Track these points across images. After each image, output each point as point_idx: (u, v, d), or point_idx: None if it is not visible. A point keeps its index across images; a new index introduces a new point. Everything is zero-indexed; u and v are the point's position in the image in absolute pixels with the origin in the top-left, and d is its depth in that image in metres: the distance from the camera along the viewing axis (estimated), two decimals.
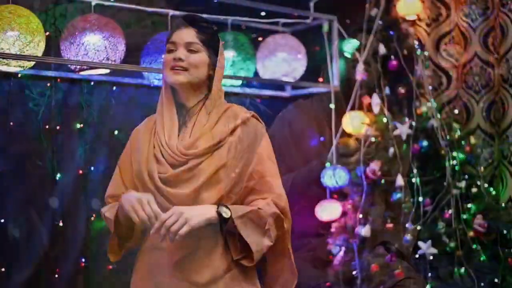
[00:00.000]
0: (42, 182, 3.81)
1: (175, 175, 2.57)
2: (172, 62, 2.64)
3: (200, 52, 2.65)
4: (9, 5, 3.37)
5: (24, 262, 3.72)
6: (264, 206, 2.58)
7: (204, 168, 2.56)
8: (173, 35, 2.69)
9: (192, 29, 2.67)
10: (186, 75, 2.62)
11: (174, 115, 2.68)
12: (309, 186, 4.40)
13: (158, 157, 2.61)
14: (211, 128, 2.63)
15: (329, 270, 4.70)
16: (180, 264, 2.56)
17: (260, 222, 2.56)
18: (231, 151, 2.60)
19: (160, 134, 2.64)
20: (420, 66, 4.61)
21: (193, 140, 2.60)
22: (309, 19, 4.66)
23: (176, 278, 2.56)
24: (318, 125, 4.61)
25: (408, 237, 4.24)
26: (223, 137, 2.61)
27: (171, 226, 2.42)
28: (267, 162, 2.68)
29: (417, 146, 4.40)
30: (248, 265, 2.60)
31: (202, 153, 2.57)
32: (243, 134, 2.65)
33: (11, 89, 3.70)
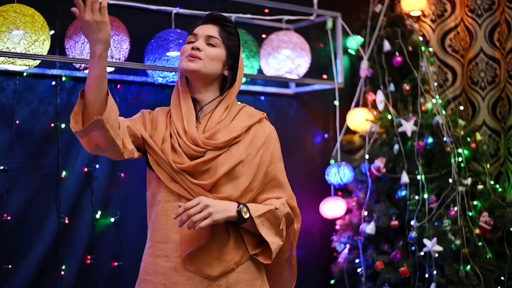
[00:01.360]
0: (48, 180, 3.81)
1: (193, 166, 2.57)
2: (189, 51, 2.65)
3: (218, 47, 2.67)
4: (14, 4, 3.37)
5: (30, 259, 3.73)
6: (280, 206, 2.62)
7: (222, 162, 2.58)
8: (196, 28, 2.71)
9: (215, 26, 2.70)
10: (199, 64, 2.63)
11: (192, 106, 2.68)
12: None
13: (175, 147, 2.61)
14: (228, 123, 2.65)
15: (334, 268, 4.72)
16: (191, 257, 2.57)
17: (275, 222, 2.60)
18: (248, 148, 2.63)
19: (178, 124, 2.64)
20: (425, 62, 4.61)
21: (212, 133, 2.61)
22: (312, 16, 4.66)
23: (188, 272, 2.57)
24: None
25: (413, 235, 4.25)
26: (240, 132, 2.62)
27: (194, 215, 2.43)
28: (279, 162, 2.73)
29: (422, 143, 4.40)
30: (264, 262, 2.64)
31: (221, 146, 2.59)
32: (259, 133, 2.68)
33: (16, 88, 3.71)
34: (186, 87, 2.72)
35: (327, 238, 4.86)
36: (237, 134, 2.61)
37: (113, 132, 2.47)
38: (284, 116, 4.85)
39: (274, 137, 2.74)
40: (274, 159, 2.70)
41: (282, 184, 2.71)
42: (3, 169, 3.63)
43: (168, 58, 3.78)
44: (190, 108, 2.67)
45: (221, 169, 2.56)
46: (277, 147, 2.74)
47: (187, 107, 2.67)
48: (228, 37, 2.70)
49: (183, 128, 2.62)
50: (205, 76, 2.66)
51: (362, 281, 4.51)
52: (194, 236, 2.54)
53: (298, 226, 2.75)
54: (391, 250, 4.41)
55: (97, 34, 2.42)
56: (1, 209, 3.61)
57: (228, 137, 2.59)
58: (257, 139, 2.66)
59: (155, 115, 2.75)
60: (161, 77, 3.86)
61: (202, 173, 2.58)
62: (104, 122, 2.43)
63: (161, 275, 2.61)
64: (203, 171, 2.58)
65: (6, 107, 3.68)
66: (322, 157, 4.99)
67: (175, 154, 2.60)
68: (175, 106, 2.69)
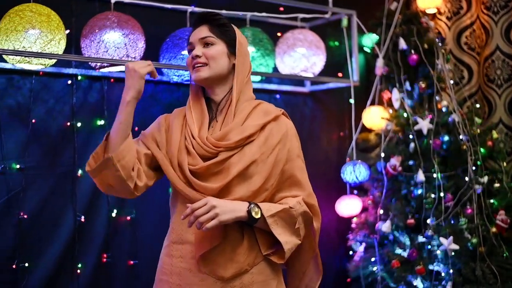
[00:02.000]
0: (64, 179, 3.82)
1: (206, 167, 2.57)
2: (192, 61, 2.67)
3: (215, 44, 2.67)
4: (30, 4, 3.39)
5: (46, 257, 3.74)
6: (295, 205, 2.60)
7: (234, 162, 2.56)
8: (190, 37, 2.72)
9: (204, 25, 2.69)
10: (207, 70, 2.64)
11: (204, 108, 2.69)
12: None
13: (189, 149, 2.61)
14: (242, 122, 2.63)
15: (350, 266, 4.71)
16: (205, 258, 2.57)
17: (290, 221, 2.58)
18: (262, 147, 2.60)
19: (191, 126, 2.64)
20: (441, 60, 4.59)
21: (224, 133, 2.60)
22: (328, 14, 4.65)
23: (202, 273, 2.57)
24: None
25: (430, 233, 4.23)
26: (254, 131, 2.60)
27: (201, 216, 2.43)
28: (297, 160, 2.69)
29: (438, 141, 4.38)
30: (277, 261, 2.62)
31: (234, 146, 2.57)
32: (274, 131, 2.65)
33: (32, 87, 3.72)
34: (199, 90, 2.74)
35: (343, 236, 4.85)
36: (250, 133, 2.59)
37: (124, 173, 2.54)
38: (299, 115, 4.84)
39: (292, 134, 2.70)
40: (291, 156, 2.67)
41: (299, 182, 2.68)
42: (20, 168, 3.65)
43: (183, 57, 3.78)
44: (203, 111, 2.68)
45: (234, 169, 2.55)
46: (294, 144, 2.70)
47: (200, 110, 2.69)
48: (221, 30, 2.69)
49: (196, 132, 2.63)
50: (217, 77, 2.67)
51: (378, 280, 4.50)
52: (207, 237, 2.54)
53: (317, 225, 2.72)
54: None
55: (132, 80, 2.61)
56: (18, 207, 3.63)
57: (240, 137, 2.57)
58: (272, 137, 2.63)
59: (171, 121, 2.75)
60: (177, 75, 3.87)
61: (215, 174, 2.58)
62: (115, 161, 2.52)
63: (176, 275, 2.62)
64: (217, 172, 2.57)
65: (23, 106, 3.69)
66: (338, 155, 4.98)
67: (189, 156, 2.61)
68: (188, 109, 2.71)
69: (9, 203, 3.61)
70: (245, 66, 2.72)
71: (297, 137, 2.74)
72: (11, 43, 3.29)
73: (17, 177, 3.65)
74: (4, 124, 3.62)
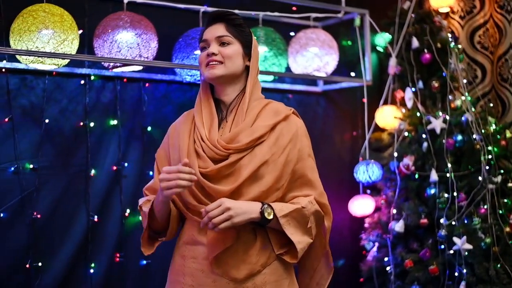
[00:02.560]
0: (77, 178, 3.83)
1: (217, 170, 2.56)
2: (206, 59, 2.65)
3: (232, 44, 2.65)
4: (43, 4, 3.40)
5: (60, 257, 3.75)
6: (307, 204, 2.59)
7: (245, 164, 2.55)
8: (204, 33, 2.70)
9: (220, 23, 2.68)
10: (222, 68, 2.63)
11: (213, 110, 2.68)
12: None
13: (199, 152, 2.60)
14: (251, 123, 2.62)
15: (363, 266, 4.70)
16: (218, 260, 2.57)
17: (302, 220, 2.57)
18: (273, 148, 2.59)
19: (200, 129, 2.63)
20: (454, 59, 4.58)
21: (234, 135, 2.59)
22: (340, 13, 4.64)
23: (214, 274, 2.57)
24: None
25: (443, 233, 4.22)
26: (264, 132, 2.59)
27: (214, 218, 2.43)
28: (307, 159, 2.68)
29: (451, 140, 4.36)
30: (290, 261, 2.62)
31: (244, 148, 2.56)
32: (284, 130, 2.64)
33: (46, 87, 3.73)
34: (209, 91, 2.72)
35: (356, 236, 4.85)
36: (260, 134, 2.58)
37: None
38: (312, 114, 4.84)
39: (302, 134, 2.68)
40: (302, 156, 2.65)
41: (311, 182, 2.67)
42: (33, 168, 3.66)
43: (196, 57, 3.78)
44: (212, 113, 2.67)
45: (245, 171, 2.54)
46: (305, 143, 2.69)
47: (208, 112, 2.68)
48: (237, 30, 2.67)
49: (205, 135, 2.62)
50: (231, 76, 2.66)
51: (391, 280, 4.49)
52: (220, 239, 2.54)
53: (328, 224, 2.71)
54: (420, 249, 4.39)
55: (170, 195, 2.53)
56: (31, 207, 3.64)
57: (250, 138, 2.56)
58: (282, 137, 2.62)
59: (179, 128, 2.75)
60: (189, 75, 3.87)
61: (226, 176, 2.57)
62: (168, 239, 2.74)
63: (189, 276, 2.62)
64: (228, 175, 2.57)
65: (36, 106, 3.71)
66: (351, 155, 4.98)
67: (199, 159, 2.60)
68: (198, 112, 2.69)
69: (22, 203, 3.63)
70: (257, 67, 2.73)
71: (307, 136, 2.73)
72: (24, 43, 3.30)
73: (31, 177, 3.66)
74: (18, 124, 3.63)
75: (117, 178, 3.95)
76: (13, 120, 3.61)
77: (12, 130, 3.61)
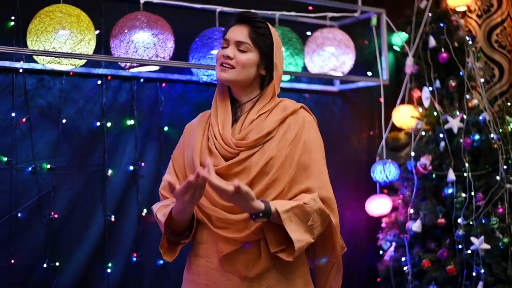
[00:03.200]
0: (94, 178, 3.85)
1: (227, 167, 2.57)
2: (221, 59, 2.65)
3: (249, 52, 2.64)
4: (60, 5, 3.41)
5: (77, 256, 3.77)
6: (310, 201, 2.52)
7: (255, 161, 2.56)
8: (228, 32, 2.69)
9: (245, 27, 2.66)
10: (232, 73, 2.63)
11: (229, 108, 2.69)
12: None
13: (212, 149, 2.62)
14: (262, 121, 2.62)
15: (380, 266, 4.69)
16: (228, 258, 2.57)
17: (304, 218, 2.50)
18: (280, 142, 2.59)
19: (214, 126, 2.65)
20: (471, 58, 4.56)
21: (245, 133, 2.60)
22: (357, 13, 4.63)
23: (227, 273, 2.58)
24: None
25: (460, 232, 4.20)
26: (272, 128, 2.60)
27: None
28: (314, 152, 2.64)
29: (469, 140, 4.34)
30: (286, 259, 2.54)
31: (252, 145, 2.57)
32: (292, 125, 2.63)
33: (63, 87, 3.75)
34: (226, 89, 2.73)
35: (373, 236, 4.84)
36: (268, 130, 2.59)
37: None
38: (329, 114, 4.83)
39: (309, 126, 2.66)
40: (309, 148, 2.62)
41: (314, 174, 2.61)
42: (50, 168, 3.68)
43: (212, 57, 3.79)
44: (227, 112, 2.68)
45: (255, 169, 2.55)
46: (312, 136, 2.65)
47: (223, 110, 2.68)
48: (259, 39, 2.65)
49: (219, 132, 2.62)
50: (241, 82, 2.66)
51: (409, 280, 4.47)
52: (231, 238, 2.55)
53: (335, 220, 2.62)
54: (438, 248, 4.37)
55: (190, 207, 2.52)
56: (48, 207, 3.66)
57: (258, 135, 2.57)
58: (289, 131, 2.61)
59: (194, 126, 2.76)
60: (206, 75, 3.88)
61: (237, 174, 2.58)
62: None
63: (203, 275, 2.63)
64: (238, 172, 2.57)
65: (53, 106, 3.72)
66: (368, 154, 4.97)
67: (212, 156, 2.61)
68: (214, 109, 2.70)
69: (40, 203, 3.65)
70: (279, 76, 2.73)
71: (316, 130, 2.70)
72: (41, 44, 3.31)
73: (48, 177, 3.68)
74: (35, 124, 3.65)
75: (134, 178, 3.96)
76: (31, 120, 3.63)
77: (29, 130, 3.63)
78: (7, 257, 3.54)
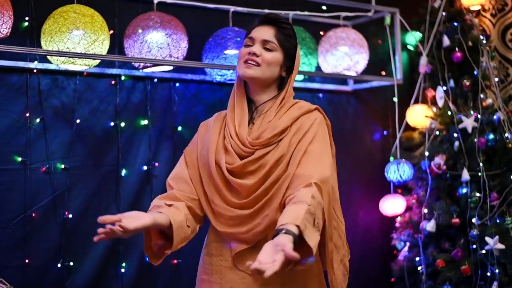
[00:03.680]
0: (108, 178, 3.86)
1: (242, 165, 2.57)
2: (246, 56, 2.63)
3: (275, 51, 2.64)
4: (74, 5, 3.42)
5: (91, 256, 3.78)
6: (311, 201, 2.38)
7: (269, 159, 2.56)
8: (253, 31, 2.68)
9: (271, 27, 2.66)
10: (258, 70, 2.62)
11: (245, 108, 2.69)
12: None
13: (228, 148, 2.62)
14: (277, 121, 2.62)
15: (394, 266, 4.68)
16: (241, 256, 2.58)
17: (311, 219, 2.37)
18: (292, 138, 2.58)
19: (230, 125, 2.65)
20: (486, 57, 4.54)
21: (260, 132, 2.60)
22: (370, 12, 4.62)
23: (241, 271, 2.58)
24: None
25: (475, 232, 4.19)
26: (286, 126, 2.59)
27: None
28: (321, 142, 2.59)
29: (483, 139, 4.33)
30: (303, 267, 2.38)
31: (266, 143, 2.57)
32: (305, 123, 2.61)
33: (77, 87, 3.76)
34: (243, 89, 2.72)
35: (387, 235, 4.83)
36: (282, 128, 2.58)
37: (187, 239, 2.67)
38: (342, 113, 4.82)
39: (318, 123, 2.62)
40: (316, 139, 2.58)
41: (317, 158, 2.53)
42: (64, 168, 3.69)
43: (226, 56, 3.79)
44: (244, 111, 2.68)
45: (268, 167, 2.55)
46: (320, 131, 2.61)
47: (240, 110, 2.68)
48: (285, 39, 2.66)
49: (235, 131, 2.63)
50: (264, 81, 2.65)
51: (423, 280, 4.46)
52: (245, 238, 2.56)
53: (326, 205, 2.48)
54: (452, 248, 4.36)
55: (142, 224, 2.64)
56: (62, 207, 3.67)
57: (272, 133, 2.57)
58: (302, 128, 2.60)
59: (210, 124, 2.76)
60: (219, 75, 3.88)
61: (252, 172, 2.57)
62: (175, 248, 2.65)
63: (217, 274, 2.64)
64: (253, 171, 2.57)
65: (67, 106, 3.73)
66: (382, 154, 4.96)
67: (227, 155, 2.61)
68: (231, 109, 2.70)
69: (54, 203, 3.66)
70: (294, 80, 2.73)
71: (324, 128, 2.64)
72: (55, 44, 3.32)
73: (62, 177, 3.69)
74: (49, 125, 3.66)
75: (147, 178, 3.97)
76: (45, 121, 3.64)
77: (43, 130, 3.65)
78: (21, 257, 3.56)
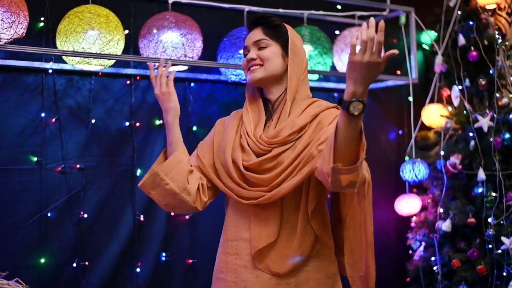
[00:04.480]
0: (123, 178, 3.87)
1: (258, 162, 2.58)
2: (247, 64, 2.70)
3: (269, 46, 2.67)
4: (89, 5, 3.43)
5: (106, 256, 3.79)
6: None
7: (287, 157, 2.55)
8: (245, 41, 2.74)
9: (258, 28, 2.71)
10: (261, 70, 2.66)
11: (261, 108, 2.71)
12: None
13: (244, 146, 2.63)
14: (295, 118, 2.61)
15: (409, 265, 4.67)
16: (260, 254, 2.58)
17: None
18: (312, 135, 2.56)
19: (247, 125, 2.67)
20: (501, 56, 4.51)
21: (277, 131, 2.60)
22: (385, 11, 4.61)
23: (257, 270, 2.59)
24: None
25: (491, 232, 4.17)
26: (304, 124, 2.58)
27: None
28: (328, 130, 2.52)
29: (499, 138, 4.30)
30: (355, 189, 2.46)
31: (284, 141, 2.57)
32: (324, 120, 2.60)
33: (92, 87, 3.77)
34: (257, 90, 2.75)
35: (402, 235, 4.81)
36: (300, 126, 2.57)
37: (175, 185, 2.65)
38: None
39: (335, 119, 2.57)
40: (325, 130, 2.53)
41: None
42: (80, 168, 3.70)
43: (240, 56, 3.79)
44: (260, 110, 2.70)
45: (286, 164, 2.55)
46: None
47: (256, 109, 2.71)
48: (274, 31, 2.69)
49: (251, 130, 2.65)
50: (272, 77, 2.67)
51: (438, 279, 4.45)
52: (263, 234, 2.56)
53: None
54: (468, 248, 4.34)
55: (166, 104, 2.86)
56: (78, 207, 3.69)
57: (291, 131, 2.57)
58: (322, 122, 2.58)
59: (227, 122, 2.79)
60: (234, 75, 3.88)
61: (268, 169, 2.57)
62: (162, 175, 2.65)
63: (232, 272, 2.64)
64: (270, 168, 2.57)
65: (82, 106, 3.74)
66: (397, 153, 4.94)
67: (244, 153, 2.63)
68: (246, 110, 2.73)
69: (69, 203, 3.67)
70: (299, 65, 2.70)
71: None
72: (70, 44, 3.33)
73: (77, 177, 3.70)
74: (64, 125, 3.68)
75: None
76: (60, 121, 3.66)
77: (59, 130, 3.66)
78: (37, 257, 3.57)
